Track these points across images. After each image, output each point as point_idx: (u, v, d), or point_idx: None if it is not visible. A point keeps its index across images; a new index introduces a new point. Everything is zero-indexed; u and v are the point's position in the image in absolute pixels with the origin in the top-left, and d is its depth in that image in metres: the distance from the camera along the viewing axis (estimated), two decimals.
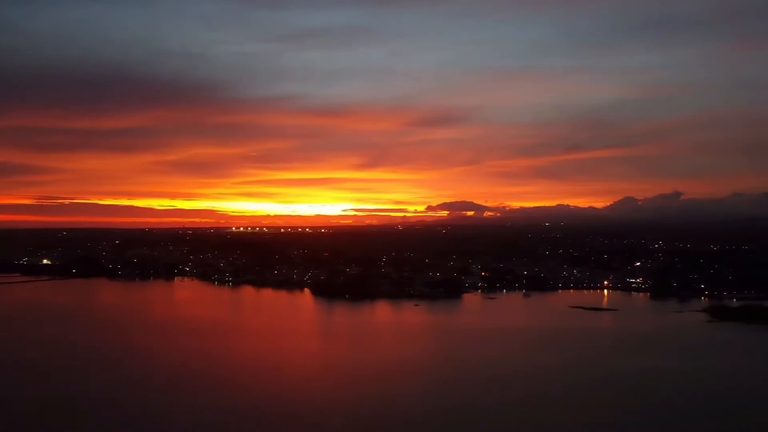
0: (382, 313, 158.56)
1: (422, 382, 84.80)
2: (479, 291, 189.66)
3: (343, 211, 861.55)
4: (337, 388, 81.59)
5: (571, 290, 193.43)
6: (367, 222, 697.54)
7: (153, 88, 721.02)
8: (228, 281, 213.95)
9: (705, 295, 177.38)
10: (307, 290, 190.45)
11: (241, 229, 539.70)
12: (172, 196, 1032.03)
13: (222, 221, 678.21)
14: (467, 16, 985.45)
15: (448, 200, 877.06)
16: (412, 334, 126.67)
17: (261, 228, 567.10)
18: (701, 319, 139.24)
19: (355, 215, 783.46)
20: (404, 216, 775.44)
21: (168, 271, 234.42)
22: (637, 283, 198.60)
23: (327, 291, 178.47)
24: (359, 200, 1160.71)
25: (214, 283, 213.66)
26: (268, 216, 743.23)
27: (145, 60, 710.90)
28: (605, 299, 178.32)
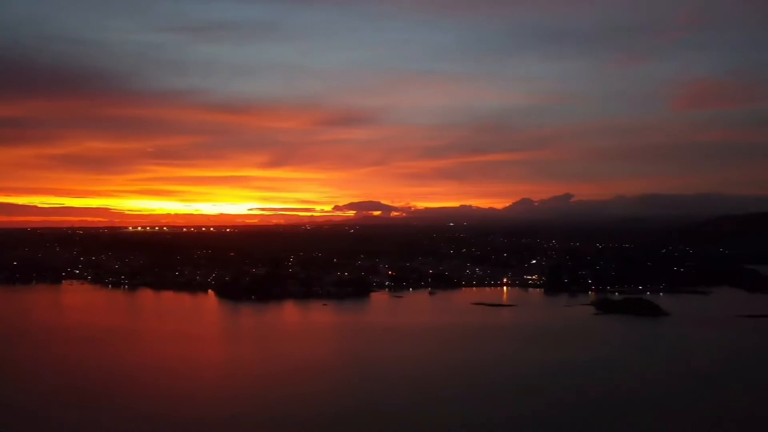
0: (289, 313, 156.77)
1: (331, 382, 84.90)
2: (386, 290, 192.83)
3: (249, 210, 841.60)
4: (245, 392, 79.73)
5: (474, 287, 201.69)
6: (274, 221, 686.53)
7: (39, 75, 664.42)
8: (124, 284, 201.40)
9: (592, 290, 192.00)
10: (211, 292, 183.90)
11: (139, 228, 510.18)
12: (61, 193, 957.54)
13: (117, 220, 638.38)
14: (375, 17, 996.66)
15: (355, 200, 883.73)
16: (321, 334, 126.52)
17: (160, 227, 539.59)
18: (588, 312, 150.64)
19: (262, 214, 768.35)
20: (311, 215, 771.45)
21: (54, 275, 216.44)
22: (533, 279, 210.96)
23: (232, 292, 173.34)
24: (265, 199, 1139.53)
25: (108, 286, 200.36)
26: (169, 215, 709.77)
27: (32, 44, 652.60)
28: (505, 295, 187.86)
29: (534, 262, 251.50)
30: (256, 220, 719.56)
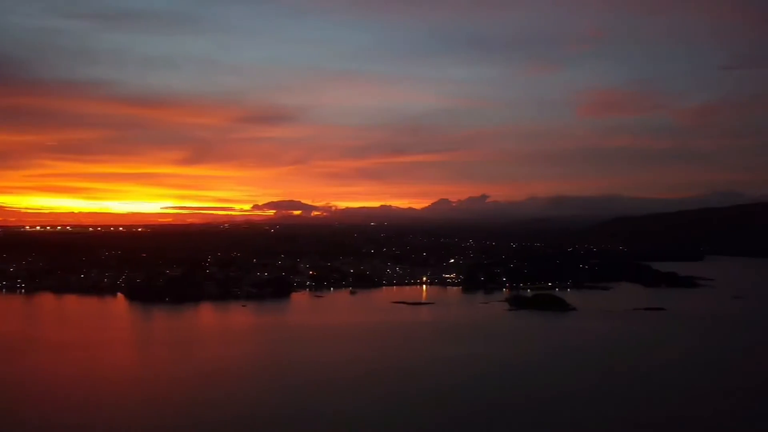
0: (206, 316, 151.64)
1: (246, 385, 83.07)
2: (307, 290, 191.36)
3: (163, 208, 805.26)
4: (157, 398, 76.25)
5: (394, 286, 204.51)
6: (190, 220, 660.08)
7: None
8: (20, 288, 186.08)
9: (506, 287, 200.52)
10: (120, 295, 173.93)
11: (38, 228, 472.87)
12: None
13: (12, 219, 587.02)
14: (298, 15, 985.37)
15: (275, 199, 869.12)
16: (239, 336, 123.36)
17: (63, 227, 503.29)
18: (503, 308, 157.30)
19: (177, 213, 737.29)
20: (229, 215, 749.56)
21: None
22: (452, 278, 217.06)
23: (144, 295, 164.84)
24: (181, 197, 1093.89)
25: (1, 291, 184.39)
26: (72, 213, 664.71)
27: None
28: (424, 294, 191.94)
29: (452, 261, 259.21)
30: (170, 219, 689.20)
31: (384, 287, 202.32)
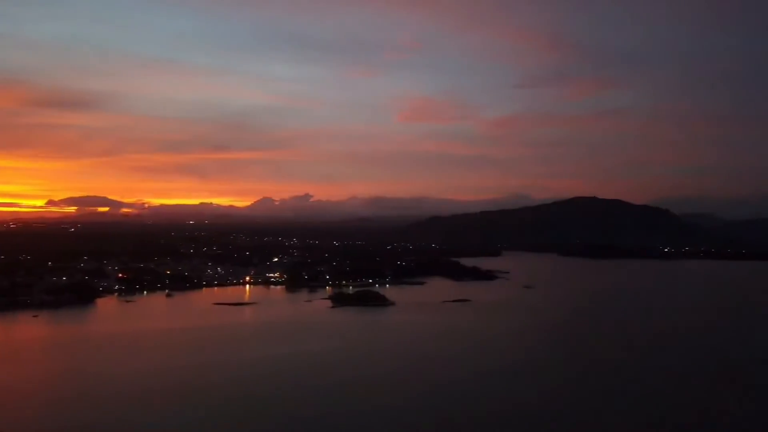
0: None
1: (30, 406, 72.72)
2: (116, 294, 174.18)
3: None
4: None
5: (216, 287, 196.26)
6: None
7: None
8: None
9: (329, 284, 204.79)
10: None
11: None
12: None
13: None
14: None
15: (76, 194, 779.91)
16: (26, 351, 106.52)
17: None
18: (326, 306, 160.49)
19: None
20: (16, 211, 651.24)
21: None
22: (275, 277, 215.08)
23: None
24: None
25: None
26: None
27: None
28: (247, 294, 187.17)
29: (276, 260, 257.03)
30: None
31: (204, 289, 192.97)
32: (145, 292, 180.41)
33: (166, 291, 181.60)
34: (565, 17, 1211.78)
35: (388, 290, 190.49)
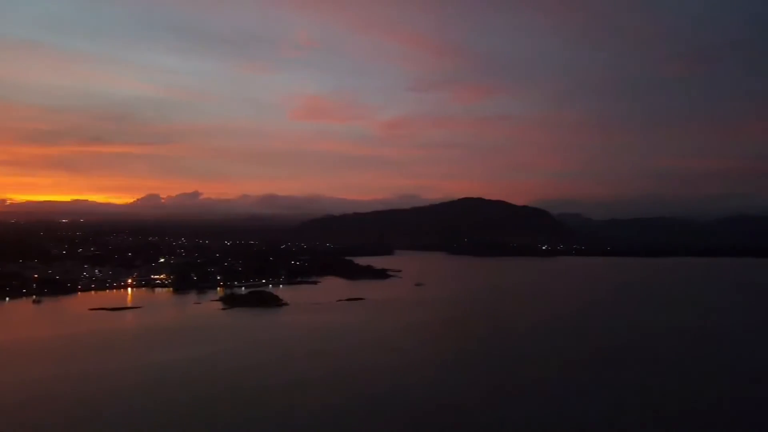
0: None
1: None
2: None
3: None
4: None
5: (93, 291, 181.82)
6: None
7: None
8: None
9: (220, 286, 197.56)
10: None
11: None
12: None
13: None
14: None
15: None
16: None
17: None
18: (216, 308, 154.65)
19: None
20: None
21: None
22: (162, 279, 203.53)
23: None
24: None
25: None
26: None
27: None
28: (129, 298, 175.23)
29: (162, 260, 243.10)
30: None
31: (80, 293, 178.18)
32: (7, 299, 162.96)
33: (33, 297, 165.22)
34: (456, 25, 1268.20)
35: (282, 290, 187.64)
